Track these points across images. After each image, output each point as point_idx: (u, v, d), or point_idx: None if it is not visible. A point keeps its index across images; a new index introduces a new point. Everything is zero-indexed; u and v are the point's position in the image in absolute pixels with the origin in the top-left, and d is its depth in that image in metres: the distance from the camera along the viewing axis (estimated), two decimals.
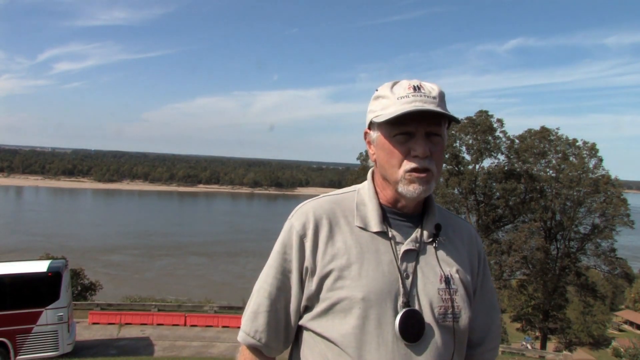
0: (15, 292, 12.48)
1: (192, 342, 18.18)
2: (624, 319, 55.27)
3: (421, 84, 1.16)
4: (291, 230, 1.20)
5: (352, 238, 1.17)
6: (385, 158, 1.17)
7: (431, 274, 1.17)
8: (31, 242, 67.99)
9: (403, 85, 1.16)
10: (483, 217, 30.97)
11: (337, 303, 1.12)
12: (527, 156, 30.84)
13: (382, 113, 1.15)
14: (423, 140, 1.13)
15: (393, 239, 1.18)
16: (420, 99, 1.12)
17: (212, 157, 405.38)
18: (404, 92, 1.14)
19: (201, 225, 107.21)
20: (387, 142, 1.16)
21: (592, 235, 30.30)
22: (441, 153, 1.17)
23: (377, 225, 1.18)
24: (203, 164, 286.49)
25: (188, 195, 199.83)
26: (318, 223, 1.18)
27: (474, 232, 1.34)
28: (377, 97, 1.19)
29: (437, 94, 1.15)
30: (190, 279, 52.35)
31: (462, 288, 1.21)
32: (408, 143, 1.13)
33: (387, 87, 1.18)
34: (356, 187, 1.29)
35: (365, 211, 1.20)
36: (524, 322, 36.50)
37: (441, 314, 1.15)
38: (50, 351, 12.60)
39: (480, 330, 1.30)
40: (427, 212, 1.24)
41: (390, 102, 1.15)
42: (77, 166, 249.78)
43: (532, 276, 30.95)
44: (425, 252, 1.20)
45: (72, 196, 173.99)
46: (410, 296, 1.14)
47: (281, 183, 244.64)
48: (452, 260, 1.22)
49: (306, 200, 1.26)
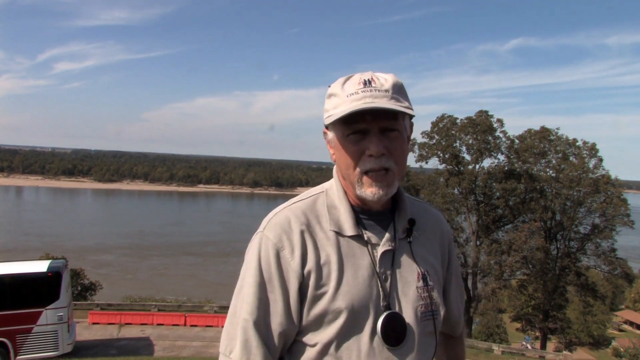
0: (15, 292, 12.47)
1: (192, 342, 18.18)
2: (624, 319, 55.26)
3: (373, 76, 1.10)
4: (267, 243, 1.13)
5: (329, 244, 1.12)
6: (342, 159, 1.12)
7: (409, 273, 1.15)
8: (24, 242, 68.06)
9: (354, 80, 1.10)
10: (483, 217, 30.97)
11: (322, 317, 1.09)
12: (527, 156, 30.85)
13: (333, 112, 1.09)
14: (377, 137, 1.07)
15: (369, 241, 1.14)
16: (370, 94, 1.07)
17: (212, 157, 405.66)
18: (354, 89, 1.08)
19: (198, 225, 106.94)
20: (342, 143, 1.11)
21: (592, 235, 30.32)
22: (401, 149, 1.11)
23: (351, 229, 1.14)
24: (203, 164, 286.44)
25: (188, 195, 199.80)
26: (294, 233, 1.12)
27: (441, 218, 1.32)
28: (330, 95, 1.14)
29: (390, 86, 1.09)
30: (182, 278, 52.28)
31: (437, 282, 1.20)
32: (362, 142, 1.08)
33: (338, 84, 1.13)
34: (324, 187, 1.23)
35: (337, 215, 1.16)
36: (524, 322, 36.55)
37: (422, 312, 1.14)
38: (50, 351, 12.59)
39: (455, 315, 1.34)
40: (398, 207, 1.20)
41: (341, 100, 1.09)
42: (77, 166, 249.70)
43: (532, 276, 30.96)
44: (401, 249, 1.17)
45: (72, 196, 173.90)
46: (391, 298, 1.12)
47: (281, 183, 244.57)
48: (426, 254, 1.21)
49: (276, 208, 1.20)
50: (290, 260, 1.11)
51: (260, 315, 1.10)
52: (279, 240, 1.12)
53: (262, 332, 1.10)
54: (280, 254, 1.12)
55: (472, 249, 30.74)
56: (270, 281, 1.11)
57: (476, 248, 30.42)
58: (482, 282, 30.91)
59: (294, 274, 1.10)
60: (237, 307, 1.14)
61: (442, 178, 31.98)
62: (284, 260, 1.11)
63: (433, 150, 31.68)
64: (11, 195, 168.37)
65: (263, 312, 1.11)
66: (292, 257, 1.11)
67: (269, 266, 1.12)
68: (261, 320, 1.10)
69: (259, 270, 1.12)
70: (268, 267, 1.12)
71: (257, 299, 1.11)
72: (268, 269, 1.12)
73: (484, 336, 32.98)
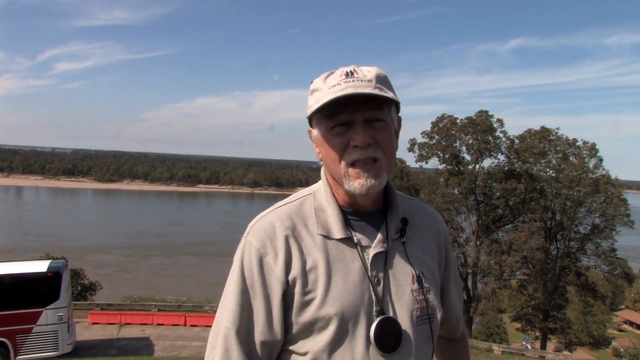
0: (16, 292, 12.47)
1: (192, 342, 18.17)
2: (624, 319, 55.28)
3: (355, 69, 1.07)
4: (250, 249, 1.09)
5: (317, 249, 1.08)
6: (327, 154, 1.08)
7: (403, 275, 1.10)
8: (23, 242, 68.13)
9: (337, 73, 1.07)
10: (483, 217, 30.99)
11: (311, 324, 1.04)
12: (527, 156, 30.87)
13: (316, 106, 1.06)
14: (362, 127, 1.03)
15: (359, 243, 1.09)
16: (352, 84, 1.03)
17: (212, 157, 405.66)
18: (336, 81, 1.05)
19: (197, 225, 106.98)
20: (325, 137, 1.07)
21: (592, 235, 30.33)
22: (388, 139, 1.06)
23: (340, 232, 1.09)
24: (203, 164, 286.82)
25: (188, 195, 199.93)
26: (278, 238, 1.08)
27: (437, 216, 1.26)
28: (312, 91, 1.10)
29: (373, 76, 1.05)
30: (182, 278, 52.30)
31: (434, 284, 1.16)
32: (347, 133, 1.04)
33: (320, 79, 1.09)
34: (312, 189, 1.18)
35: (325, 217, 1.11)
36: (524, 322, 36.56)
37: (417, 316, 1.09)
38: (50, 351, 12.60)
39: (454, 317, 1.30)
40: (390, 205, 1.15)
41: (323, 93, 1.05)
42: (77, 166, 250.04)
43: (532, 276, 30.97)
44: (394, 251, 1.12)
45: (72, 196, 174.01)
46: (384, 303, 1.07)
47: (281, 183, 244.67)
48: (421, 255, 1.16)
49: (262, 212, 1.15)
50: (274, 266, 1.07)
51: (243, 324, 1.06)
52: (262, 246, 1.08)
53: (244, 341, 1.06)
54: (263, 260, 1.08)
55: (472, 249, 30.75)
56: (252, 288, 1.07)
57: (476, 248, 30.43)
58: (482, 282, 30.92)
59: (277, 281, 1.06)
60: (220, 315, 1.10)
61: (442, 178, 32.00)
62: (267, 267, 1.07)
63: (433, 150, 31.70)
64: (11, 195, 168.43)
65: (246, 321, 1.07)
66: (275, 263, 1.07)
67: (251, 273, 1.08)
68: (243, 329, 1.06)
69: (242, 277, 1.08)
70: (251, 274, 1.08)
71: (239, 306, 1.07)
72: (251, 276, 1.08)
73: (484, 336, 33.01)
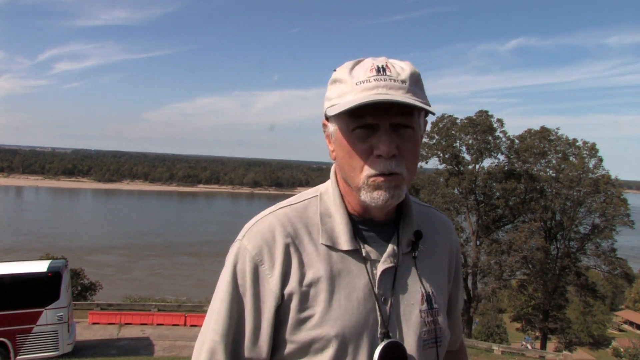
0: (15, 292, 12.46)
1: (192, 342, 17.93)
2: (624, 319, 55.25)
3: (388, 63, 0.92)
4: (244, 255, 0.97)
5: (319, 260, 0.96)
6: (345, 158, 0.94)
7: (412, 294, 0.99)
8: (23, 242, 67.97)
9: (365, 65, 0.93)
10: (483, 217, 31.01)
11: (309, 345, 0.93)
12: (527, 156, 30.88)
13: (338, 102, 0.92)
14: (388, 135, 0.90)
15: (367, 257, 0.98)
16: (384, 83, 0.89)
17: (212, 157, 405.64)
18: (365, 76, 0.91)
19: (197, 225, 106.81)
20: (346, 139, 0.93)
21: (592, 235, 30.31)
22: (414, 149, 0.93)
23: (347, 243, 0.97)
24: (203, 164, 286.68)
25: (188, 195, 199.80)
26: (277, 245, 0.96)
27: (450, 226, 1.15)
28: (334, 81, 0.96)
29: (407, 76, 0.91)
30: (182, 278, 52.25)
31: (442, 303, 1.05)
32: (370, 139, 0.90)
33: (346, 69, 0.94)
34: (318, 190, 1.05)
35: (332, 225, 0.99)
36: (524, 322, 36.55)
37: (425, 340, 0.99)
38: (50, 351, 12.58)
39: (457, 331, 1.22)
40: (404, 216, 1.04)
41: (348, 88, 0.91)
42: (77, 166, 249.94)
43: (532, 276, 30.97)
44: (405, 266, 1.00)
45: (72, 196, 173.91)
46: (390, 325, 0.96)
47: (281, 183, 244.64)
48: (433, 271, 1.05)
49: (260, 213, 1.04)
50: (269, 277, 0.95)
51: (230, 335, 0.97)
52: (258, 253, 0.97)
53: (229, 354, 0.96)
54: (258, 269, 0.96)
55: (472, 249, 30.76)
56: (244, 296, 0.97)
57: (476, 248, 30.45)
58: (482, 282, 30.94)
59: (271, 293, 0.95)
60: (207, 323, 1.00)
61: (442, 178, 31.99)
62: (262, 277, 0.96)
63: (433, 150, 31.70)
64: (11, 195, 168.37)
65: (234, 331, 0.97)
66: (271, 274, 0.95)
67: (244, 281, 0.97)
68: (230, 340, 0.97)
69: (233, 284, 0.97)
70: (243, 282, 0.97)
71: (228, 317, 0.97)
72: (243, 284, 0.97)
73: (484, 336, 32.95)
